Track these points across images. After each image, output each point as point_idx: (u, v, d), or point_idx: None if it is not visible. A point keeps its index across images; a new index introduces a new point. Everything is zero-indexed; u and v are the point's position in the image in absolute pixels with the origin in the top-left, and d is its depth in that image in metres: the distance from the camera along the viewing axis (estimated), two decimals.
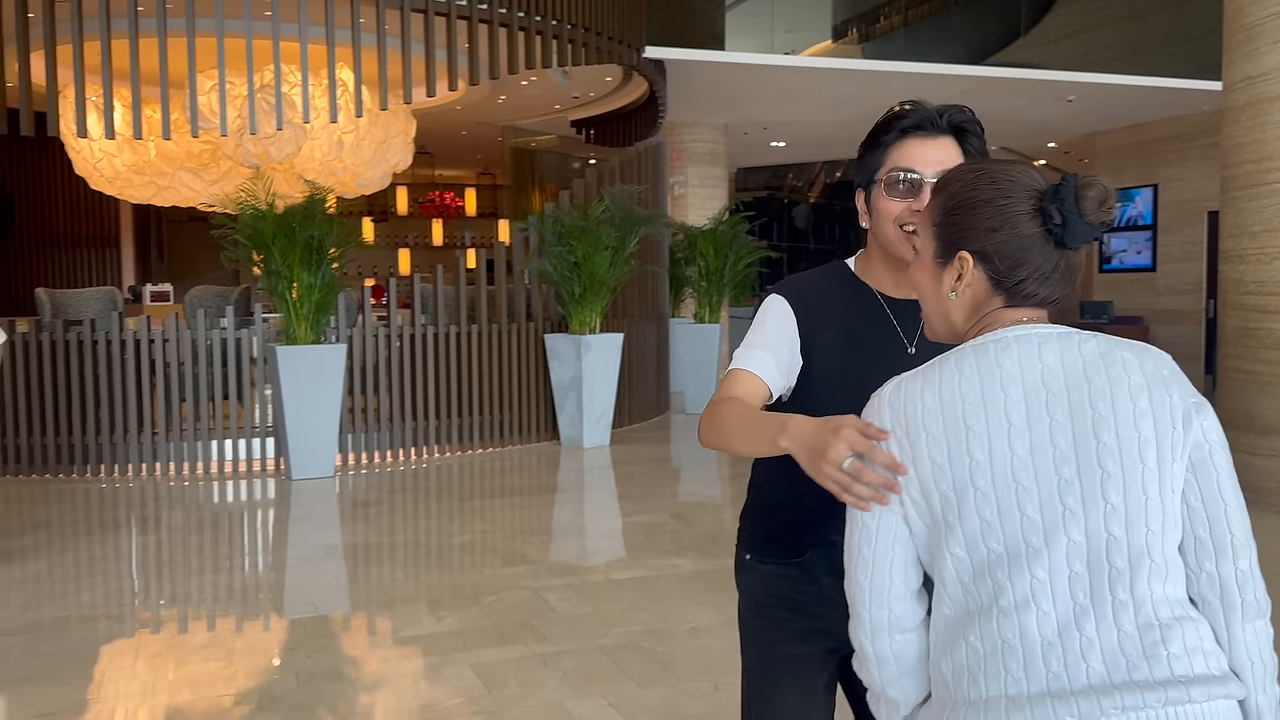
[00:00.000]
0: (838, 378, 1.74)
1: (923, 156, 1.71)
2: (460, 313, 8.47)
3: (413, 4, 7.79)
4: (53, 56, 7.25)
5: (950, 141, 1.74)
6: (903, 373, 1.47)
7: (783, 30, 18.56)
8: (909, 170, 1.71)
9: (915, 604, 1.31)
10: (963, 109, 1.78)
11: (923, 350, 1.72)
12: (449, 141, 14.83)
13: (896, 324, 1.77)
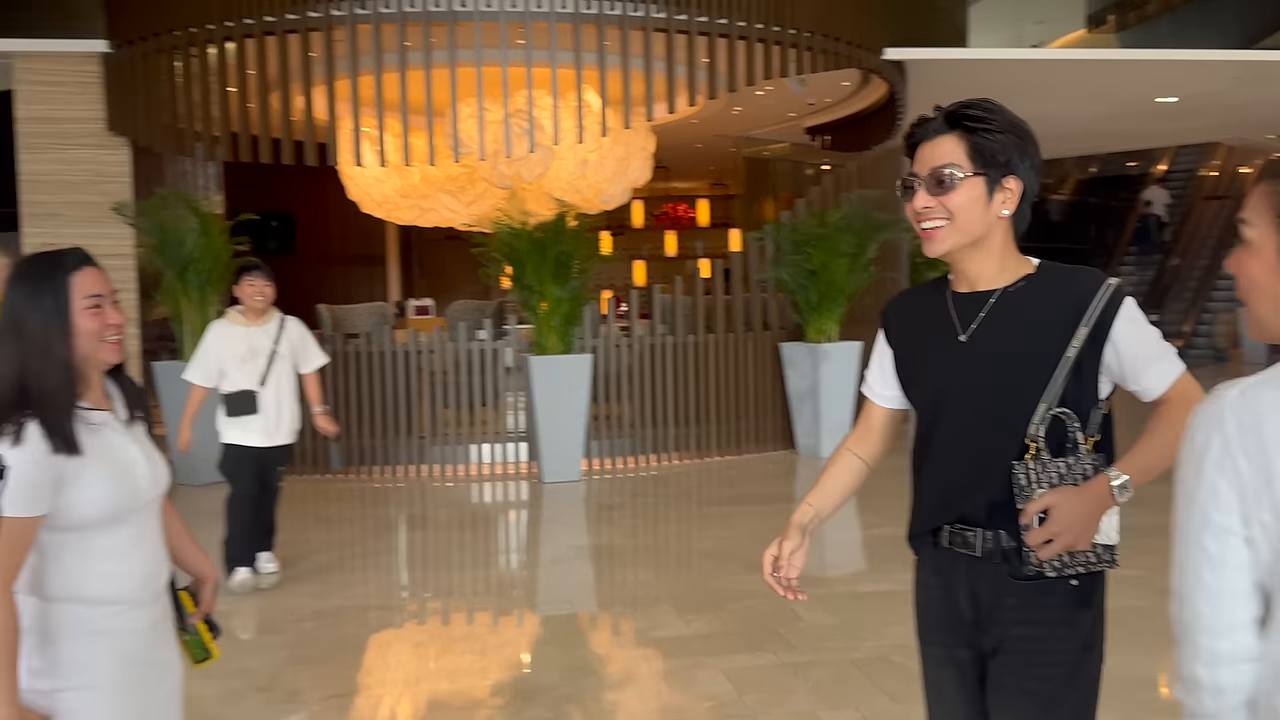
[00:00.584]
0: (907, 369, 1.93)
1: (920, 160, 1.80)
2: (698, 322, 8.62)
3: (655, 24, 8.02)
4: (332, 92, 7.98)
5: (949, 138, 1.78)
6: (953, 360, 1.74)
7: (1031, 22, 17.69)
8: (909, 175, 1.81)
9: (1257, 633, 1.22)
10: (967, 102, 1.80)
11: (975, 337, 1.80)
12: (684, 154, 15.12)
13: (954, 313, 1.84)
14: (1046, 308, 1.78)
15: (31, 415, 1.79)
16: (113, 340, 1.91)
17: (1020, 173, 1.79)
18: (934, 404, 1.87)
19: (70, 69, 8.90)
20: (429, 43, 7.79)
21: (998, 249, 1.81)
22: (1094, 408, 1.78)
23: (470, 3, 7.74)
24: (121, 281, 9.00)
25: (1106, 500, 1.71)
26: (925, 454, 1.88)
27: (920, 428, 1.90)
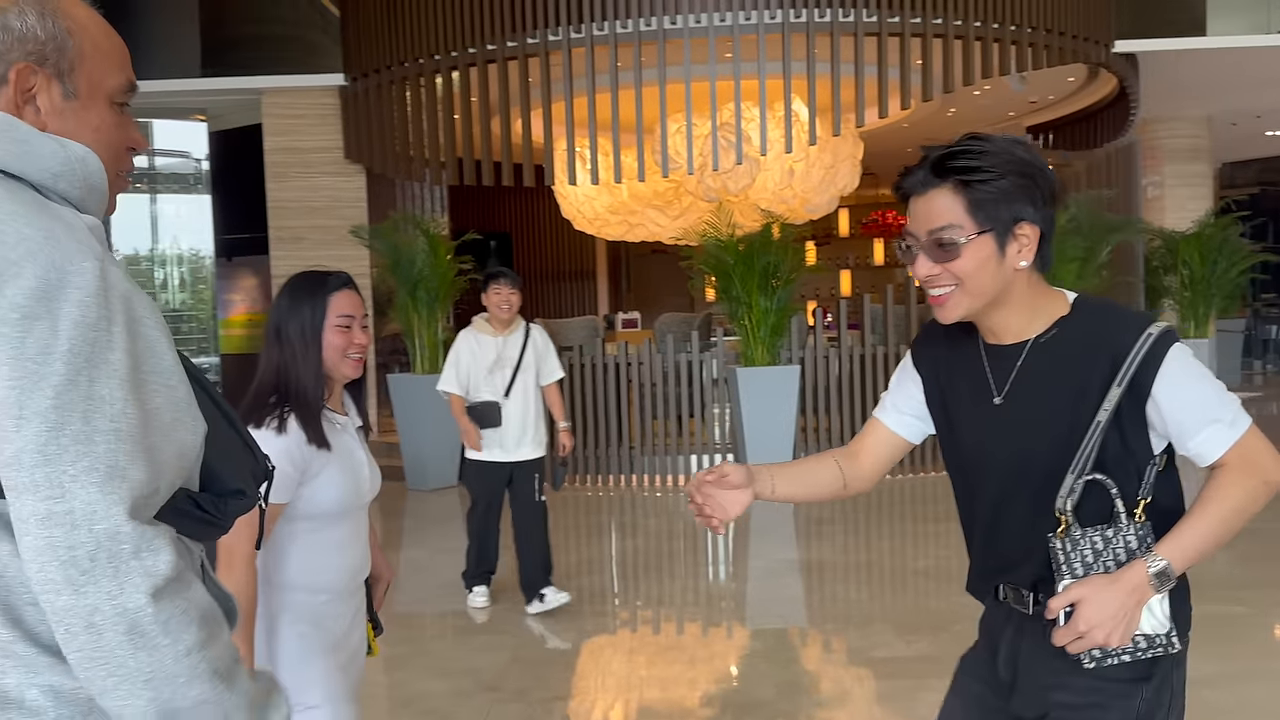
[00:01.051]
0: (941, 427, 1.75)
1: (915, 215, 1.59)
2: (910, 332, 8.36)
3: (866, 28, 7.86)
4: (548, 114, 8.27)
5: (942, 192, 1.55)
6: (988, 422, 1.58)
7: None
8: (907, 234, 1.60)
9: None
10: (954, 148, 1.56)
11: (1009, 399, 1.63)
12: (894, 160, 14.58)
13: (989, 371, 1.66)
14: (1080, 362, 1.59)
15: (290, 410, 2.02)
16: (354, 358, 2.11)
17: (1033, 216, 1.57)
18: (971, 466, 1.72)
19: (312, 102, 9.64)
20: (639, 62, 7.95)
21: (1022, 301, 1.62)
22: (1148, 469, 1.58)
23: (679, 21, 7.85)
24: None
25: (1143, 591, 1.52)
26: (969, 514, 1.76)
27: (957, 486, 1.78)
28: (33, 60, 1.11)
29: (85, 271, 1.00)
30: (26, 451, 0.96)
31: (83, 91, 1.15)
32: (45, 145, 1.08)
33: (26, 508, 0.97)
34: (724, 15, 7.82)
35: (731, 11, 7.81)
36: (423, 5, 8.55)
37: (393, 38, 8.82)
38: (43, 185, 1.08)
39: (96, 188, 1.13)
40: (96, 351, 0.99)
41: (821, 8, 7.83)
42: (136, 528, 0.98)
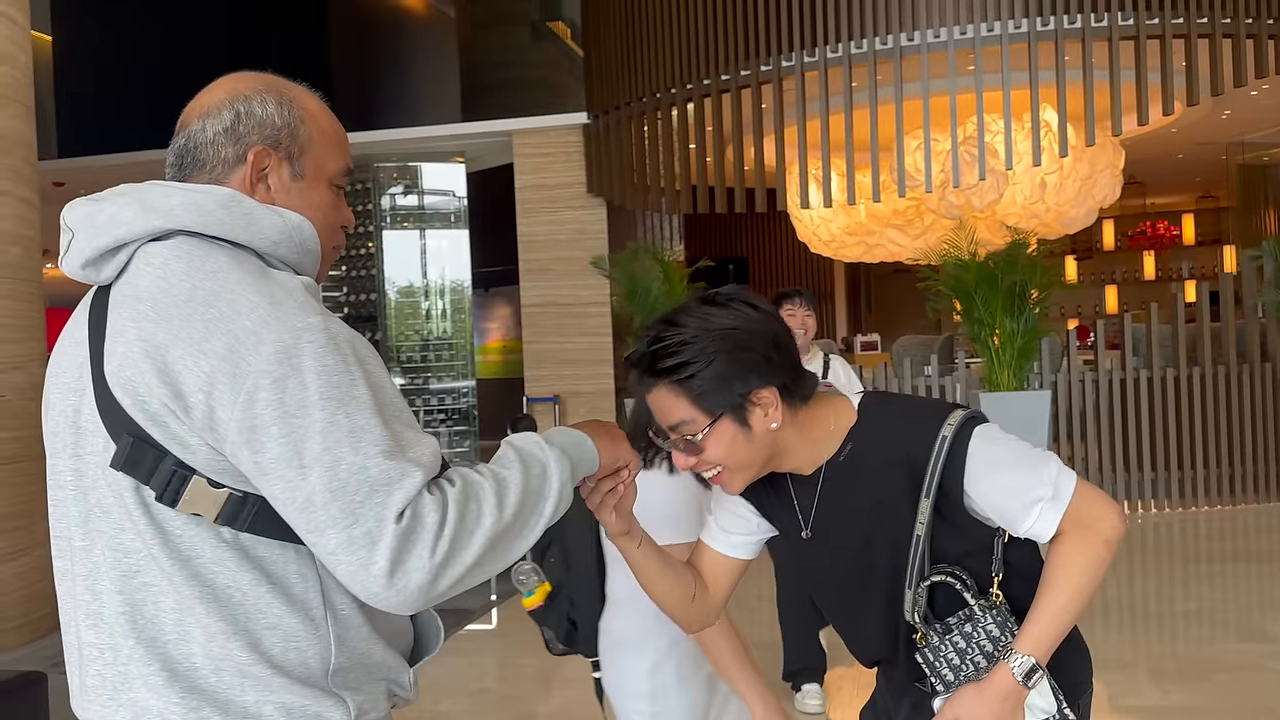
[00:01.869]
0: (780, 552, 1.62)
1: (653, 410, 1.49)
2: (1179, 353, 7.71)
3: (1122, 32, 7.38)
4: (781, 139, 8.29)
5: (661, 391, 1.45)
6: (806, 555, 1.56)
7: None
8: (656, 426, 1.50)
9: None
10: (653, 345, 1.45)
11: (816, 530, 1.56)
12: (1161, 167, 13.65)
13: (796, 503, 1.59)
14: (879, 478, 1.50)
15: None
16: None
17: (760, 381, 1.45)
18: (815, 590, 1.69)
19: (557, 140, 10.13)
20: (874, 81, 7.83)
21: (799, 442, 1.53)
22: (995, 543, 1.52)
23: (917, 37, 7.67)
24: (599, 328, 10.04)
25: (1016, 693, 1.46)
26: (835, 626, 1.74)
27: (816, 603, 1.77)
28: (269, 144, 1.24)
29: (312, 327, 1.11)
30: (317, 493, 1.07)
31: (308, 174, 1.27)
32: (266, 216, 1.21)
33: (331, 541, 1.08)
34: (964, 28, 7.57)
35: (973, 24, 7.55)
36: (659, 41, 8.81)
37: (631, 74, 9.14)
38: (264, 252, 1.21)
39: (311, 251, 1.25)
40: (342, 391, 1.10)
41: (1071, 14, 7.42)
42: (401, 527, 1.08)
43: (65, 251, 1.22)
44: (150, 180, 1.25)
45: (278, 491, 1.09)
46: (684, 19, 8.59)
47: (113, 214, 1.18)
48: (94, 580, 1.18)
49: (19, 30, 5.54)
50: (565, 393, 10.13)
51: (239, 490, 1.12)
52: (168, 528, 1.13)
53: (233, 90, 1.26)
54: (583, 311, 10.07)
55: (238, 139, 1.23)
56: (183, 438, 1.12)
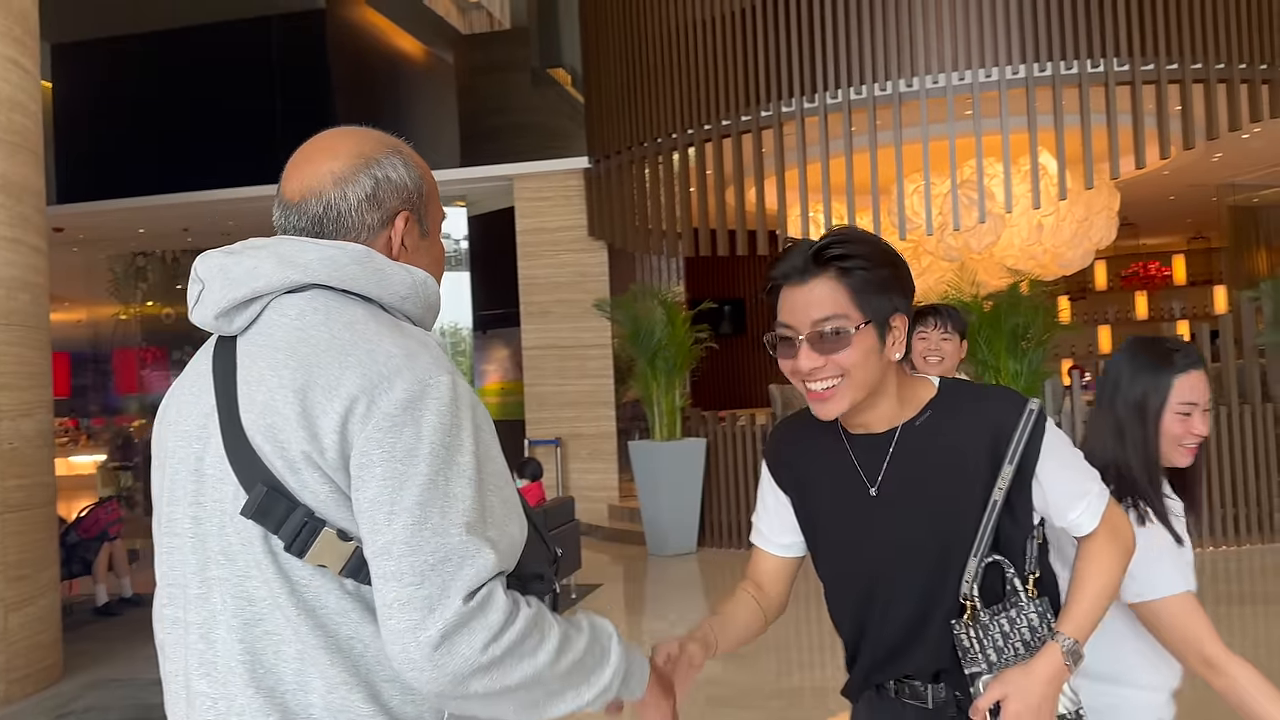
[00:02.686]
0: (811, 522, 1.68)
1: (790, 306, 1.54)
2: None
3: (1118, 78, 7.50)
4: (782, 182, 8.37)
5: (823, 281, 1.51)
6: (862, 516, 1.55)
7: None
8: (781, 327, 1.55)
9: None
10: (832, 236, 1.53)
11: (885, 488, 1.58)
12: (1154, 209, 13.80)
13: (857, 464, 1.61)
14: (960, 442, 1.55)
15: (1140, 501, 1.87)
16: (1189, 446, 1.91)
17: (904, 308, 1.55)
18: (845, 564, 1.65)
19: (558, 185, 10.21)
20: (874, 125, 7.92)
21: (894, 390, 1.60)
22: (1028, 542, 1.58)
23: (916, 83, 7.77)
24: (600, 370, 10.05)
25: (1061, 674, 1.52)
26: (846, 613, 1.67)
27: (830, 586, 1.69)
28: (408, 208, 1.29)
29: (442, 385, 1.15)
30: (396, 543, 1.09)
31: (431, 229, 1.34)
32: (397, 273, 1.25)
33: (391, 593, 1.09)
34: (962, 74, 7.68)
35: (971, 70, 7.66)
36: (660, 87, 8.91)
37: (632, 119, 9.24)
38: (391, 306, 1.24)
39: (434, 307, 1.30)
40: (451, 454, 1.12)
41: (1069, 60, 7.54)
42: (467, 608, 1.10)
43: (196, 302, 1.24)
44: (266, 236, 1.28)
45: (365, 532, 1.11)
46: (684, 65, 8.70)
47: (250, 267, 1.21)
48: (210, 628, 1.18)
49: (30, 79, 5.58)
50: (566, 435, 10.12)
51: None
52: (294, 577, 1.15)
53: (361, 153, 1.29)
54: (584, 354, 10.09)
55: (379, 205, 1.27)
56: (315, 488, 1.13)
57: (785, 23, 8.10)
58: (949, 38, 7.68)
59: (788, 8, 8.09)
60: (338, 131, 1.32)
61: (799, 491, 1.70)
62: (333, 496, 1.13)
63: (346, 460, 1.12)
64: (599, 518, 9.87)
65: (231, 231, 11.95)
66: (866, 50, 7.88)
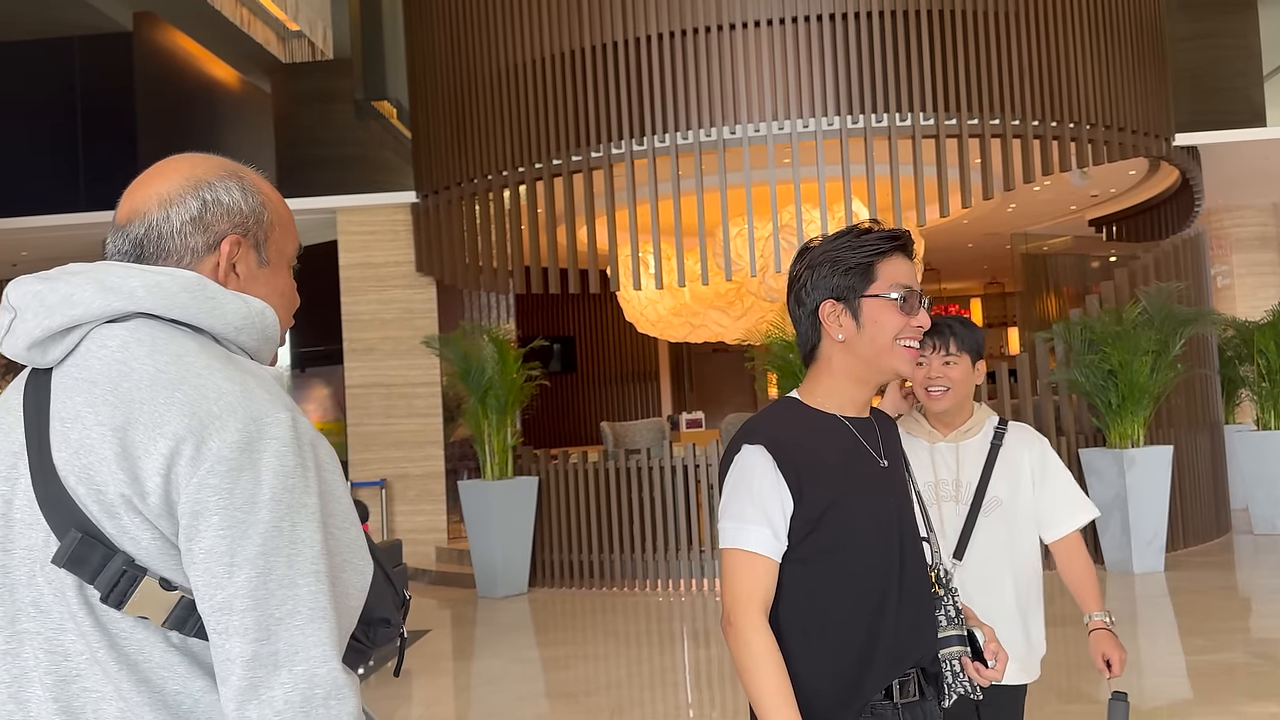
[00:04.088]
0: (837, 511, 1.66)
1: (908, 273, 1.71)
2: None
3: (924, 131, 7.98)
4: (612, 222, 8.47)
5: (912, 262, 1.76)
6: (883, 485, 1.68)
7: None
8: (907, 286, 1.69)
9: None
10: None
11: (892, 460, 1.73)
12: (955, 255, 14.75)
13: (864, 442, 1.71)
14: (895, 439, 1.81)
15: None
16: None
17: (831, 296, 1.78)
18: (866, 541, 1.67)
19: (383, 219, 9.99)
20: (700, 170, 8.14)
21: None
22: None
23: (739, 131, 8.04)
24: (429, 408, 9.83)
25: None
26: (868, 600, 1.66)
27: (849, 574, 1.66)
28: (239, 232, 1.21)
29: (280, 423, 1.07)
30: (238, 597, 1.02)
31: (272, 259, 1.26)
32: (231, 302, 1.17)
33: (235, 649, 1.02)
34: (782, 124, 8.00)
35: (790, 120, 7.99)
36: (490, 125, 8.88)
37: (462, 156, 9.16)
38: (225, 337, 1.16)
39: (271, 339, 1.22)
40: (295, 497, 1.06)
41: (879, 113, 7.98)
42: (331, 672, 1.04)
43: (6, 332, 1.13)
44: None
45: (200, 584, 1.03)
46: (514, 104, 8.71)
47: (66, 293, 1.12)
48: (20, 687, 1.08)
49: None
50: (393, 475, 9.84)
51: (192, 593, 1.06)
52: (113, 629, 1.06)
53: (192, 175, 1.22)
54: (412, 392, 9.86)
55: (206, 228, 1.20)
56: (135, 534, 1.05)
57: (614, 68, 8.24)
58: (769, 89, 8.00)
59: (616, 55, 8.24)
60: (180, 156, 1.26)
61: (800, 480, 1.65)
62: (156, 544, 1.05)
63: (172, 506, 1.04)
64: (427, 561, 9.61)
65: (21, 262, 11.10)
66: (692, 98, 8.10)
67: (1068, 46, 8.39)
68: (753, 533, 1.64)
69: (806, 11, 7.99)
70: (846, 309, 1.69)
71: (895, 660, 1.66)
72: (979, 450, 2.51)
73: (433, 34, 9.46)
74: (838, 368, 1.72)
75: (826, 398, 1.73)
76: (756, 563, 1.64)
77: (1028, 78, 8.21)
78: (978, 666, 1.67)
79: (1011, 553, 2.49)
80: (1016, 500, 2.50)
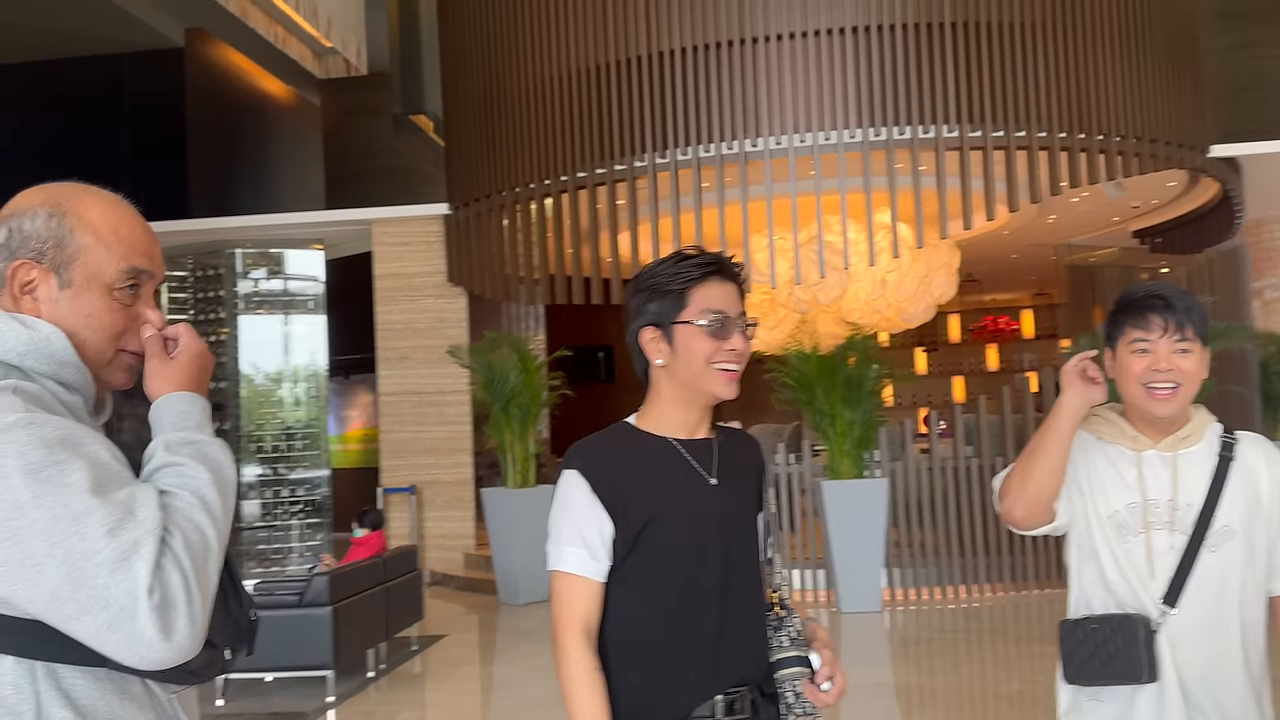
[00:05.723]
0: (657, 529, 1.68)
1: (722, 299, 1.72)
2: (1006, 442, 8.16)
3: (947, 144, 7.93)
4: (635, 234, 8.55)
5: (734, 286, 1.75)
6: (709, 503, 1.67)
7: None
8: (719, 312, 1.71)
9: None
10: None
11: (722, 478, 1.74)
12: (998, 266, 14.55)
13: (693, 461, 1.74)
14: (744, 459, 1.83)
15: None
16: None
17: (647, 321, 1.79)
18: (699, 560, 1.69)
19: (417, 230, 10.20)
20: (723, 182, 8.19)
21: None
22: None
23: (760, 143, 8.07)
24: (458, 416, 10.00)
25: None
26: (688, 621, 1.68)
27: (669, 594, 1.68)
28: (32, 257, 1.28)
29: (11, 426, 1.13)
30: (60, 586, 1.09)
31: (77, 282, 1.28)
32: (10, 330, 1.24)
33: (89, 626, 1.10)
34: (804, 136, 8.02)
35: (811, 133, 8.00)
36: (520, 138, 9.03)
37: (492, 168, 9.32)
38: (13, 364, 1.23)
39: (65, 361, 1.26)
40: (56, 483, 1.11)
41: (901, 125, 7.95)
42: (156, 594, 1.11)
43: None
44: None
45: (20, 590, 1.10)
46: (543, 117, 8.84)
47: None
48: None
49: None
50: (423, 482, 10.02)
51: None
52: None
53: (13, 208, 1.31)
54: (442, 400, 10.04)
55: (10, 254, 1.28)
56: None
57: (638, 82, 8.33)
58: (791, 102, 8.02)
59: (640, 69, 8.33)
60: (33, 188, 1.33)
61: (619, 499, 1.68)
62: None
63: None
64: (455, 567, 9.77)
65: None
66: (715, 112, 8.15)
67: (1097, 58, 8.27)
68: (569, 554, 1.68)
69: (829, 25, 8.00)
70: (663, 335, 1.75)
71: (714, 678, 1.67)
72: (1203, 464, 1.93)
73: (465, 49, 9.65)
74: (664, 392, 1.78)
75: (658, 421, 1.78)
76: (575, 584, 1.68)
77: (1054, 90, 8.11)
78: (814, 690, 1.66)
79: (1242, 600, 1.89)
80: (1252, 532, 1.89)
